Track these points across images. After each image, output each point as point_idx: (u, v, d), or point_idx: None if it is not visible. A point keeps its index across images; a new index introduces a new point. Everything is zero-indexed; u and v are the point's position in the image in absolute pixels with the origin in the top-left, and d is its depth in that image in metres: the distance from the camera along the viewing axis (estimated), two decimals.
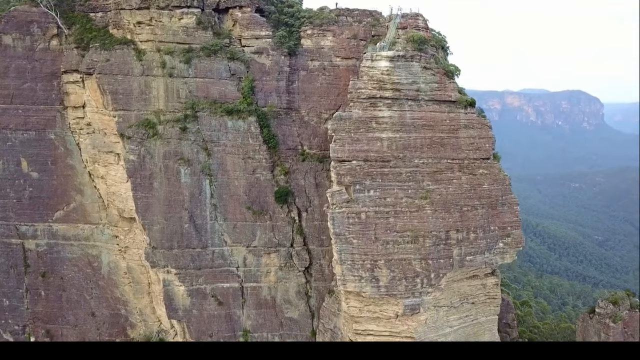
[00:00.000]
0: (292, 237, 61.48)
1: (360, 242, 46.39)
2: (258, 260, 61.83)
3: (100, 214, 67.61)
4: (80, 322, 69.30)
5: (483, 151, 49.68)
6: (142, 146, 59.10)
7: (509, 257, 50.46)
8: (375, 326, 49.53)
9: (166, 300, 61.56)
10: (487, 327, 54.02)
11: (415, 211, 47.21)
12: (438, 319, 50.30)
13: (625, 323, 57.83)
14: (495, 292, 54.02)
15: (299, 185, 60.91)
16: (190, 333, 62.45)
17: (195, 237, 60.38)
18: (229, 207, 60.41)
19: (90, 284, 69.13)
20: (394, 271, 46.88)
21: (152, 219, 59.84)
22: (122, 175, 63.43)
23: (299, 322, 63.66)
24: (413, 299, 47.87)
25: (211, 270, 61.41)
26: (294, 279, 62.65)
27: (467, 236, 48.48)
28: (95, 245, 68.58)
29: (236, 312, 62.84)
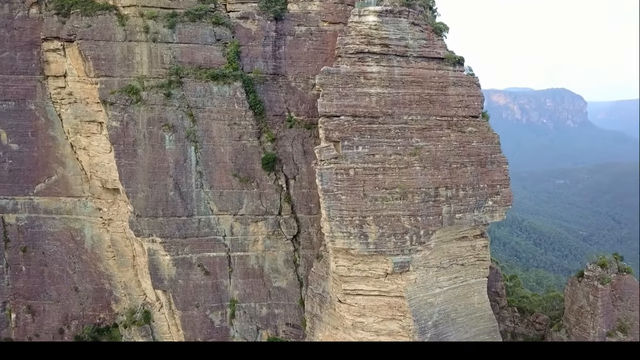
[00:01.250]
0: (279, 205, 60.58)
1: (348, 199, 45.65)
2: (245, 228, 60.80)
3: (82, 187, 66.07)
4: (63, 298, 67.68)
5: (472, 109, 49.30)
6: (125, 112, 57.74)
7: (498, 216, 50.11)
8: (364, 285, 48.82)
9: (151, 270, 60.22)
10: (477, 289, 53.65)
11: (404, 168, 46.62)
12: (427, 279, 49.77)
13: (614, 286, 57.85)
14: (485, 254, 53.68)
15: (287, 152, 60.01)
16: (176, 304, 61.19)
17: (181, 205, 59.16)
18: (214, 175, 59.31)
19: (73, 259, 67.56)
20: (382, 228, 46.22)
21: (136, 187, 58.49)
22: (105, 146, 62.05)
23: (287, 291, 62.75)
24: (402, 256, 47.26)
25: (197, 239, 60.22)
26: (282, 248, 61.74)
27: (456, 193, 48.02)
28: (77, 219, 67.02)
29: (223, 281, 61.74)
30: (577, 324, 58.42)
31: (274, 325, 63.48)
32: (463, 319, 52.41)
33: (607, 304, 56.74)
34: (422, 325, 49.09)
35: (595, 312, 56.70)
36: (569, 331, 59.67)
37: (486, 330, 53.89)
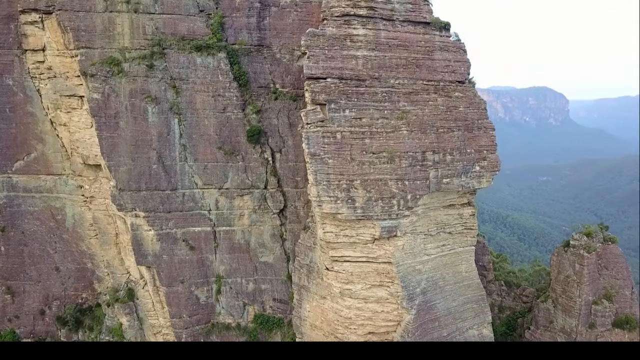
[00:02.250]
0: (265, 179, 59.81)
1: (335, 162, 45.03)
2: (231, 202, 59.88)
3: (63, 164, 64.53)
4: (44, 278, 66.11)
5: (458, 74, 49.08)
6: (107, 84, 56.43)
7: (486, 182, 49.89)
8: (351, 252, 48.26)
9: (134, 245, 58.96)
10: (464, 257, 53.43)
11: (391, 132, 46.17)
12: (415, 246, 49.39)
13: (599, 255, 58.17)
14: (472, 223, 53.49)
15: (272, 125, 59.27)
16: (161, 280, 60.01)
17: (165, 179, 58.05)
18: (199, 148, 58.30)
19: (54, 238, 66.01)
20: (370, 192, 45.70)
21: (118, 160, 57.21)
22: (85, 121, 60.67)
23: (274, 266, 61.99)
24: (390, 221, 46.79)
25: (182, 214, 59.14)
26: (269, 222, 60.96)
27: (443, 158, 47.71)
28: (58, 197, 65.47)
29: (209, 257, 60.73)
30: (563, 294, 58.62)
31: (260, 300, 62.66)
32: (451, 287, 52.15)
33: (592, 272, 57.01)
34: (410, 292, 48.70)
35: (581, 280, 56.92)
36: (555, 301, 59.87)
37: (474, 298, 53.70)
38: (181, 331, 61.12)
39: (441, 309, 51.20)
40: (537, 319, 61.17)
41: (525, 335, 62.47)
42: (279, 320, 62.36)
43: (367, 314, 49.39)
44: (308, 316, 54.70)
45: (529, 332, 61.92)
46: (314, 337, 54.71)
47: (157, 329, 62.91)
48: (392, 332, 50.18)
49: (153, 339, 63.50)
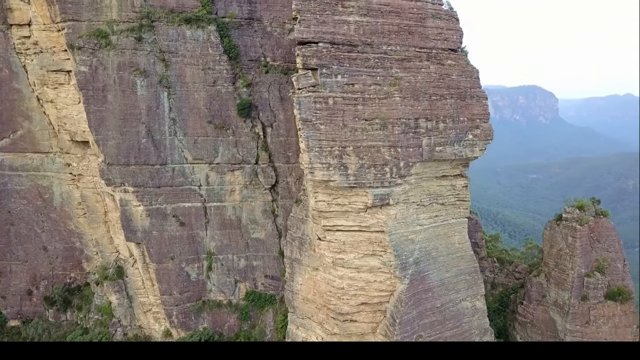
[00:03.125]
0: (256, 154, 59.15)
1: (328, 128, 44.45)
2: (221, 178, 59.14)
3: (50, 142, 63.44)
4: (31, 257, 64.96)
5: (451, 42, 48.69)
6: (94, 57, 55.43)
7: (479, 150, 49.56)
8: (344, 221, 47.71)
9: (124, 221, 58.03)
10: (457, 229, 53.07)
11: (384, 98, 45.69)
12: (408, 216, 48.97)
13: (591, 228, 58.10)
14: (465, 194, 53.16)
15: (263, 99, 58.62)
16: (151, 256, 59.11)
17: (154, 153, 57.18)
18: (188, 122, 57.51)
19: (41, 217, 64.92)
20: (362, 159, 45.18)
21: (106, 134, 56.26)
22: (73, 97, 59.68)
23: (265, 243, 61.36)
24: (382, 189, 46.31)
25: (171, 189, 58.31)
26: (260, 198, 60.30)
27: (436, 126, 47.32)
28: (45, 176, 64.38)
29: (199, 233, 59.94)
30: (556, 267, 58.50)
31: (252, 277, 61.98)
32: (444, 258, 51.77)
33: (585, 244, 56.94)
34: (403, 261, 48.25)
35: (573, 252, 56.83)
36: (547, 275, 59.75)
37: (467, 270, 53.36)
38: (171, 308, 60.25)
39: (434, 279, 50.80)
40: (530, 293, 61.03)
41: (518, 310, 62.31)
42: (271, 297, 61.73)
43: (360, 283, 48.87)
44: (300, 289, 54.09)
45: (522, 307, 61.77)
46: (306, 311, 54.13)
47: (147, 307, 61.96)
48: (385, 303, 49.71)
49: (143, 317, 62.56)
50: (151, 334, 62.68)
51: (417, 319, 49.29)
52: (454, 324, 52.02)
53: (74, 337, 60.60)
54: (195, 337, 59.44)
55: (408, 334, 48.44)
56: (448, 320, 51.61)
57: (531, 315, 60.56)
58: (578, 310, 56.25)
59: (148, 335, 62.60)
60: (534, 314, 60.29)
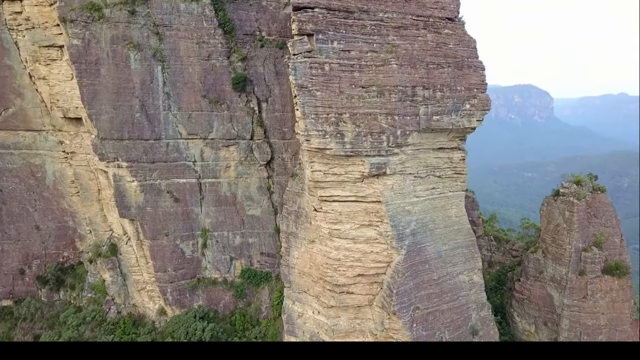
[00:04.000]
0: (251, 129, 58.57)
1: (324, 95, 43.92)
2: (216, 153, 58.54)
3: (42, 120, 62.65)
4: (24, 237, 64.11)
5: (448, 11, 48.20)
6: (87, 30, 54.70)
7: (476, 121, 49.16)
8: (340, 191, 47.17)
9: (117, 197, 57.32)
10: (454, 202, 52.68)
11: (381, 65, 45.18)
12: (405, 187, 48.50)
13: (588, 204, 57.85)
14: (462, 167, 52.76)
15: (258, 73, 58.05)
16: (145, 233, 58.41)
17: (148, 128, 56.52)
18: (183, 96, 56.88)
19: (34, 196, 64.11)
20: (359, 126, 44.68)
21: (99, 108, 55.54)
22: (66, 72, 58.93)
23: (261, 220, 60.76)
24: (379, 157, 45.81)
25: (166, 165, 57.66)
26: (255, 174, 59.73)
27: (433, 94, 46.87)
28: (38, 154, 63.60)
29: (194, 209, 59.30)
30: (553, 242, 58.22)
31: (247, 255, 61.37)
32: (441, 231, 51.34)
33: (582, 219, 56.68)
34: (399, 232, 47.79)
35: (571, 227, 56.57)
36: (545, 251, 59.45)
37: (464, 244, 52.95)
38: (166, 285, 59.55)
39: (431, 251, 50.34)
40: (527, 269, 60.70)
41: (515, 287, 61.98)
42: (267, 275, 61.16)
43: (356, 254, 48.36)
44: (296, 263, 53.53)
45: (519, 283, 61.45)
46: (303, 285, 53.57)
47: (142, 285, 61.24)
48: (382, 274, 49.20)
49: (137, 295, 61.81)
50: (145, 312, 61.95)
51: (414, 291, 48.81)
52: (451, 297, 51.57)
53: (66, 315, 59.79)
54: (190, 314, 58.76)
55: (405, 305, 47.95)
56: (445, 294, 51.16)
57: (528, 291, 60.23)
58: (575, 285, 55.96)
59: (142, 313, 61.87)
60: (531, 290, 59.97)
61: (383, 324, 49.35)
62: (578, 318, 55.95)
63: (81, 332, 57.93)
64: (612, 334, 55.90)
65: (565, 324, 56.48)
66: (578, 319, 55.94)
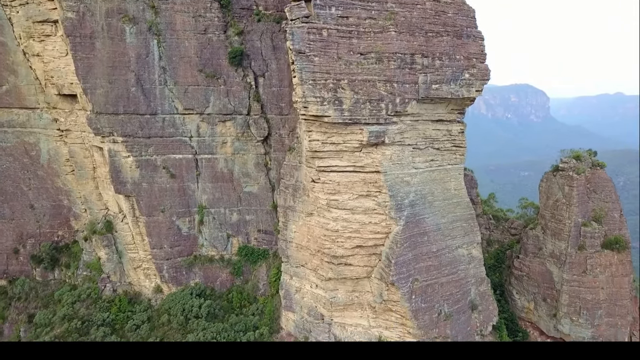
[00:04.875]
0: (248, 104, 58.01)
1: (322, 60, 43.42)
2: (213, 129, 57.95)
3: (37, 97, 61.89)
4: (18, 216, 63.31)
5: None
6: (82, 3, 54.06)
7: (475, 91, 48.78)
8: (338, 161, 46.65)
9: (112, 172, 56.65)
10: (453, 175, 52.29)
11: (379, 32, 44.73)
12: (403, 158, 48.03)
13: (588, 179, 57.46)
14: (461, 141, 52.40)
15: (255, 48, 57.51)
16: (141, 209, 57.73)
17: (143, 103, 55.88)
18: (179, 70, 56.28)
19: (28, 174, 63.35)
20: (357, 93, 44.21)
21: (94, 82, 54.89)
22: (60, 49, 58.17)
23: (258, 197, 60.18)
24: (377, 126, 45.36)
25: (162, 140, 57.03)
26: (252, 150, 59.15)
27: (432, 62, 46.44)
28: (32, 132, 62.82)
29: (190, 185, 58.67)
30: (552, 218, 57.81)
31: (245, 232, 60.78)
32: (440, 203, 50.90)
33: (582, 194, 56.29)
34: (398, 202, 47.31)
35: (570, 202, 56.17)
36: (544, 227, 59.03)
37: (463, 217, 52.53)
38: (162, 262, 58.88)
39: (430, 224, 49.88)
40: (526, 246, 60.28)
41: (514, 264, 61.55)
42: (264, 252, 60.59)
43: (355, 225, 47.84)
44: (294, 237, 52.97)
45: (518, 260, 61.02)
46: (300, 258, 53.01)
47: (137, 262, 60.53)
48: (380, 246, 48.71)
49: (133, 273, 61.09)
50: (141, 291, 61.22)
51: (413, 262, 48.33)
52: (450, 271, 51.13)
53: (61, 293, 59.05)
54: (186, 291, 58.10)
55: (404, 275, 47.47)
56: (444, 267, 50.71)
57: (527, 268, 59.81)
58: (575, 260, 55.56)
59: (138, 291, 61.15)
60: (530, 267, 59.55)
61: (382, 296, 48.85)
62: (578, 293, 55.54)
63: (76, 309, 57.18)
64: (611, 309, 55.55)
65: (565, 299, 56.07)
66: (578, 294, 55.54)
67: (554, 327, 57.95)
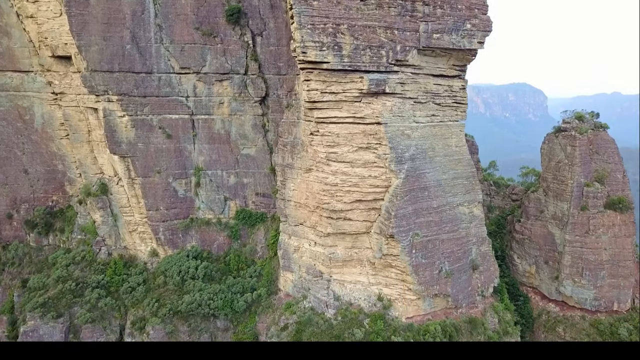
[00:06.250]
0: (246, 64, 57.06)
1: (320, 4, 42.55)
2: (209, 89, 56.98)
3: (30, 60, 60.87)
4: (11, 181, 62.27)
5: None
6: None
7: (477, 42, 47.86)
8: (337, 112, 45.73)
9: (107, 132, 55.65)
10: (454, 131, 51.44)
11: None
12: (404, 110, 47.16)
13: (590, 141, 56.73)
14: (462, 97, 51.58)
15: (252, 6, 56.58)
16: (136, 170, 56.72)
17: (139, 61, 54.90)
18: (175, 28, 55.32)
19: (22, 139, 62.33)
20: (357, 39, 43.32)
21: (89, 40, 53.91)
22: (54, 9, 57.14)
23: (256, 159, 59.24)
24: (378, 74, 44.51)
25: (157, 99, 56.05)
26: (250, 111, 58.20)
27: (433, 11, 45.57)
28: (26, 96, 61.80)
29: (187, 146, 57.68)
30: (554, 179, 56.99)
31: (242, 195, 59.79)
32: (441, 159, 50.02)
33: (584, 153, 55.51)
34: (398, 155, 46.41)
35: (573, 162, 55.38)
36: (546, 189, 58.21)
37: (464, 174, 51.64)
38: (158, 224, 57.86)
39: (431, 179, 49.00)
40: (528, 209, 59.44)
41: (515, 228, 60.70)
42: (262, 215, 59.60)
43: (354, 179, 46.91)
44: (292, 195, 52.01)
45: (519, 224, 60.17)
46: (299, 217, 52.05)
47: (133, 226, 59.49)
48: (380, 201, 47.79)
49: (128, 237, 60.05)
50: (137, 255, 60.18)
51: (413, 216, 47.43)
52: (451, 228, 50.24)
53: (55, 256, 57.99)
54: (183, 254, 57.11)
55: (404, 228, 46.57)
56: (445, 223, 49.82)
57: (529, 231, 58.96)
58: (577, 220, 54.74)
59: (133, 255, 60.11)
60: (531, 230, 58.70)
61: (381, 250, 47.93)
62: (580, 254, 54.71)
63: (70, 271, 56.10)
64: (614, 270, 54.72)
65: (567, 260, 55.22)
66: (580, 255, 54.71)
67: (555, 290, 57.09)
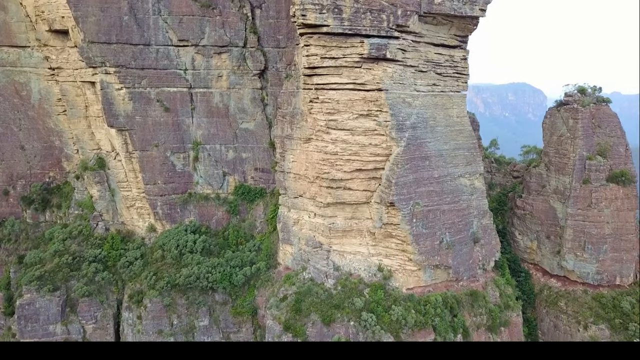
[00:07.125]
0: (245, 36, 56.50)
1: None
2: (208, 61, 56.40)
3: (27, 35, 60.28)
4: (7, 157, 61.65)
5: None
6: None
7: (479, 9, 47.42)
8: (338, 78, 45.18)
9: (105, 105, 55.04)
10: (456, 102, 50.95)
11: None
12: (405, 78, 46.62)
13: (592, 114, 56.20)
14: (464, 67, 51.11)
15: None
16: (134, 143, 56.11)
17: (137, 32, 54.30)
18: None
19: (19, 115, 61.73)
20: (358, 1, 42.81)
21: (86, 10, 53.29)
22: None
23: (255, 133, 58.64)
24: (378, 39, 43.95)
25: (155, 72, 55.46)
26: (249, 85, 57.60)
27: None
28: (22, 71, 61.20)
29: (185, 120, 57.10)
30: (556, 153, 56.46)
31: (241, 170, 59.20)
32: (442, 129, 49.48)
33: (587, 126, 55.00)
34: (399, 122, 45.86)
35: (575, 135, 54.87)
36: (547, 164, 57.68)
37: (465, 145, 51.12)
38: (155, 198, 57.24)
39: (432, 149, 48.47)
40: (529, 185, 58.90)
41: (516, 204, 60.14)
42: (261, 191, 59.01)
43: (354, 148, 46.33)
44: (292, 167, 51.42)
45: (521, 200, 59.63)
46: (298, 189, 51.45)
47: (131, 201, 58.87)
48: (381, 170, 47.21)
49: (126, 212, 59.43)
50: (134, 230, 59.55)
51: (414, 185, 46.87)
52: (452, 199, 49.69)
53: (52, 231, 57.35)
54: (181, 229, 56.49)
55: (404, 197, 46.01)
56: (446, 194, 49.27)
57: (530, 206, 58.41)
58: (579, 194, 54.20)
59: (131, 230, 59.47)
60: (533, 205, 58.16)
61: (381, 219, 47.35)
62: (582, 227, 54.16)
63: (67, 245, 55.48)
64: (617, 244, 54.16)
65: (569, 234, 54.67)
66: (582, 228, 54.16)
67: (557, 265, 56.53)
